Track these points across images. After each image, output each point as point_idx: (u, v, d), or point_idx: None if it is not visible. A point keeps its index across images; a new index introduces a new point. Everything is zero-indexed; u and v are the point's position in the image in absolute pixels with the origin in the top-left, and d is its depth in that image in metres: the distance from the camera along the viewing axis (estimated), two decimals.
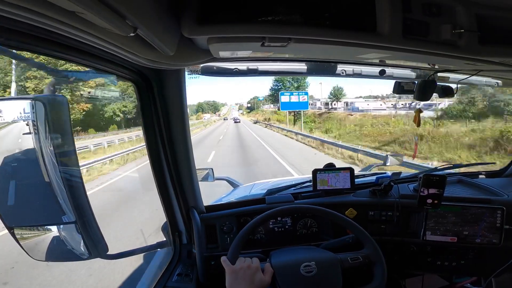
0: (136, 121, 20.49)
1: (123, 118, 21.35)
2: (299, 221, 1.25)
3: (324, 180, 1.31)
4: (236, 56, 0.89)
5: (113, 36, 0.47)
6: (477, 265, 1.24)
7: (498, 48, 0.71)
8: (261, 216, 0.97)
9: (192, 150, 1.13)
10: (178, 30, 0.57)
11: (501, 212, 1.14)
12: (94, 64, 0.67)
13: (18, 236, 0.72)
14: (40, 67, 6.91)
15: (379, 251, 0.91)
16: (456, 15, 0.65)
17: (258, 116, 50.78)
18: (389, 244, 1.19)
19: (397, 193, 1.27)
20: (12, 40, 0.47)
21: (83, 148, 10.95)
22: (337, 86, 28.69)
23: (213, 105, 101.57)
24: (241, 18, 0.57)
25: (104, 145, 12.67)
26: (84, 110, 16.56)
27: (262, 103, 68.88)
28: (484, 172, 1.59)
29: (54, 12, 0.34)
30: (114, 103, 20.23)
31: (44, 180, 0.69)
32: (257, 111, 63.56)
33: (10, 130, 0.70)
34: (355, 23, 0.61)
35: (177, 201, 1.15)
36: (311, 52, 0.88)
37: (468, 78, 1.23)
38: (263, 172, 7.44)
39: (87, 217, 0.73)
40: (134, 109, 20.47)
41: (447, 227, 1.17)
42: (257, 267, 0.83)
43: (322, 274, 0.84)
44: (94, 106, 18.57)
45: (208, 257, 1.10)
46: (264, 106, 64.77)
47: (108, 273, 2.95)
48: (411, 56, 0.81)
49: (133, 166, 9.11)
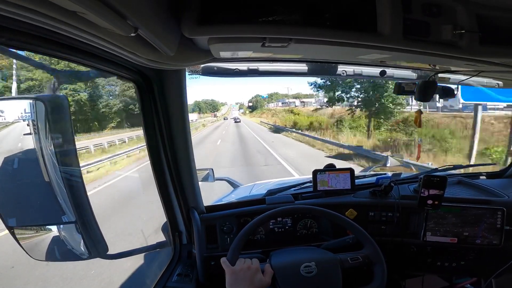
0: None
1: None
2: (299, 221, 1.25)
3: (324, 181, 1.31)
4: (237, 57, 0.89)
5: (114, 36, 0.47)
6: (477, 266, 1.23)
7: (499, 48, 0.71)
8: (261, 217, 0.97)
9: (192, 150, 1.13)
10: (178, 30, 0.57)
11: (501, 213, 1.14)
12: (95, 64, 0.67)
13: (18, 235, 0.72)
14: (42, 67, 6.92)
15: (379, 252, 0.91)
16: (457, 15, 0.65)
17: (266, 116, 43.63)
18: (389, 244, 1.19)
19: (397, 194, 1.26)
20: (13, 40, 0.47)
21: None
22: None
23: (212, 104, 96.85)
24: (241, 19, 0.57)
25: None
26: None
27: (267, 101, 64.26)
28: (485, 173, 1.59)
29: (55, 12, 0.34)
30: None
31: (44, 179, 0.69)
32: (262, 110, 58.27)
33: (11, 130, 0.71)
34: (356, 24, 0.61)
35: (177, 201, 1.15)
36: (311, 52, 0.88)
37: (469, 79, 1.23)
38: None
39: (87, 217, 0.73)
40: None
41: (447, 228, 1.17)
42: (257, 268, 0.83)
43: (322, 275, 0.84)
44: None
45: (208, 258, 1.10)
46: (269, 104, 61.50)
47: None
48: (411, 57, 0.81)
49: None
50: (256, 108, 69.57)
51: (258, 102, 70.99)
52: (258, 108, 66.75)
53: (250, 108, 78.19)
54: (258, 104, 68.80)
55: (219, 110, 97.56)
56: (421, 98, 1.13)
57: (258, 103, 69.97)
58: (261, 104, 67.75)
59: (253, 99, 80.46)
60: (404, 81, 1.23)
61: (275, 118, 36.17)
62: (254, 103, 75.96)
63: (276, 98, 64.36)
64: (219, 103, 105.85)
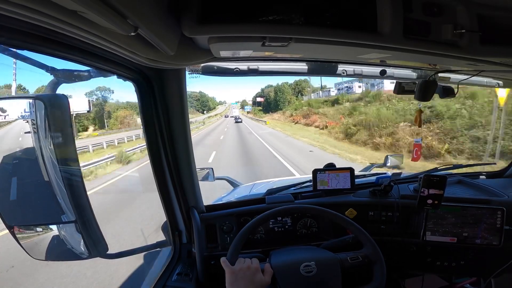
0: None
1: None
2: (299, 221, 1.25)
3: (324, 180, 1.31)
4: (237, 56, 0.89)
5: (114, 36, 0.47)
6: (476, 265, 1.24)
7: (499, 48, 0.71)
8: (261, 216, 0.97)
9: (192, 149, 1.13)
10: (179, 29, 0.57)
11: (501, 213, 1.14)
12: (95, 64, 0.67)
13: (18, 235, 0.72)
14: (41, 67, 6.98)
15: (378, 251, 0.91)
16: (457, 15, 0.65)
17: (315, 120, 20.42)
18: (389, 244, 1.19)
19: (397, 193, 1.26)
20: (13, 39, 0.47)
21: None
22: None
23: (201, 99, 62.40)
24: (241, 18, 0.57)
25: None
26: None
27: (307, 91, 36.01)
28: (485, 173, 1.59)
29: (55, 11, 0.34)
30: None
31: (44, 179, 0.69)
32: (292, 109, 30.21)
33: (11, 129, 0.71)
34: (356, 23, 0.61)
35: (177, 200, 1.15)
36: (312, 52, 0.87)
37: (469, 79, 1.23)
38: None
39: (87, 216, 0.73)
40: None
41: (447, 228, 1.17)
42: (256, 267, 0.83)
43: (322, 274, 0.84)
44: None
45: (208, 257, 1.10)
46: (309, 96, 33.75)
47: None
48: (412, 56, 0.81)
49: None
50: (273, 105, 42.35)
51: (279, 93, 41.11)
52: (282, 103, 39.60)
53: (259, 106, 50.67)
54: (278, 98, 40.79)
55: (215, 109, 72.88)
56: (421, 98, 1.13)
57: (279, 96, 40.91)
58: (281, 99, 40.34)
59: (267, 89, 48.75)
60: (405, 80, 1.23)
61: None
62: (269, 95, 45.96)
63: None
64: (212, 99, 74.49)
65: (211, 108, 69.91)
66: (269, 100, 44.42)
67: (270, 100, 44.65)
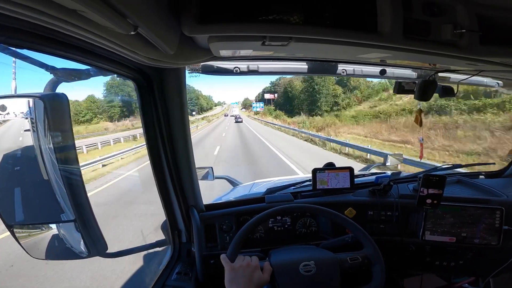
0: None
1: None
2: (299, 220, 1.25)
3: (324, 180, 1.31)
4: (237, 55, 0.89)
5: (113, 35, 0.47)
6: (475, 265, 1.24)
7: (499, 48, 0.71)
8: (261, 215, 0.97)
9: (192, 148, 1.13)
10: (178, 28, 0.57)
11: (500, 213, 1.14)
12: (95, 63, 0.66)
13: (18, 234, 0.72)
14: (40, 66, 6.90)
15: (378, 252, 0.91)
16: (457, 15, 0.65)
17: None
18: (388, 244, 1.19)
19: (397, 193, 1.27)
20: (13, 38, 0.47)
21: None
22: None
23: (189, 95, 29.89)
24: (241, 17, 0.57)
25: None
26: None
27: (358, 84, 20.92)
28: (484, 173, 1.59)
29: (54, 10, 0.34)
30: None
31: (43, 178, 0.69)
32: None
33: (10, 127, 0.70)
34: (356, 23, 0.61)
35: (177, 199, 1.15)
36: (312, 51, 0.87)
37: (469, 79, 1.23)
38: None
39: (87, 215, 0.72)
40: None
41: (446, 228, 1.17)
42: (256, 265, 0.83)
43: (321, 274, 0.84)
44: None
45: (207, 256, 1.10)
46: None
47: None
48: (412, 56, 0.81)
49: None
50: (305, 100, 25.70)
51: (289, 87, 27.63)
52: (321, 98, 23.78)
53: (269, 104, 37.95)
54: (318, 89, 23.98)
55: (211, 109, 64.03)
56: (421, 97, 1.13)
57: (317, 86, 23.72)
58: (323, 90, 23.46)
59: (279, 81, 34.22)
60: (404, 80, 1.23)
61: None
62: (280, 88, 32.69)
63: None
64: (207, 97, 63.15)
65: (204, 108, 53.62)
66: (290, 95, 28.35)
67: (293, 94, 27.96)
